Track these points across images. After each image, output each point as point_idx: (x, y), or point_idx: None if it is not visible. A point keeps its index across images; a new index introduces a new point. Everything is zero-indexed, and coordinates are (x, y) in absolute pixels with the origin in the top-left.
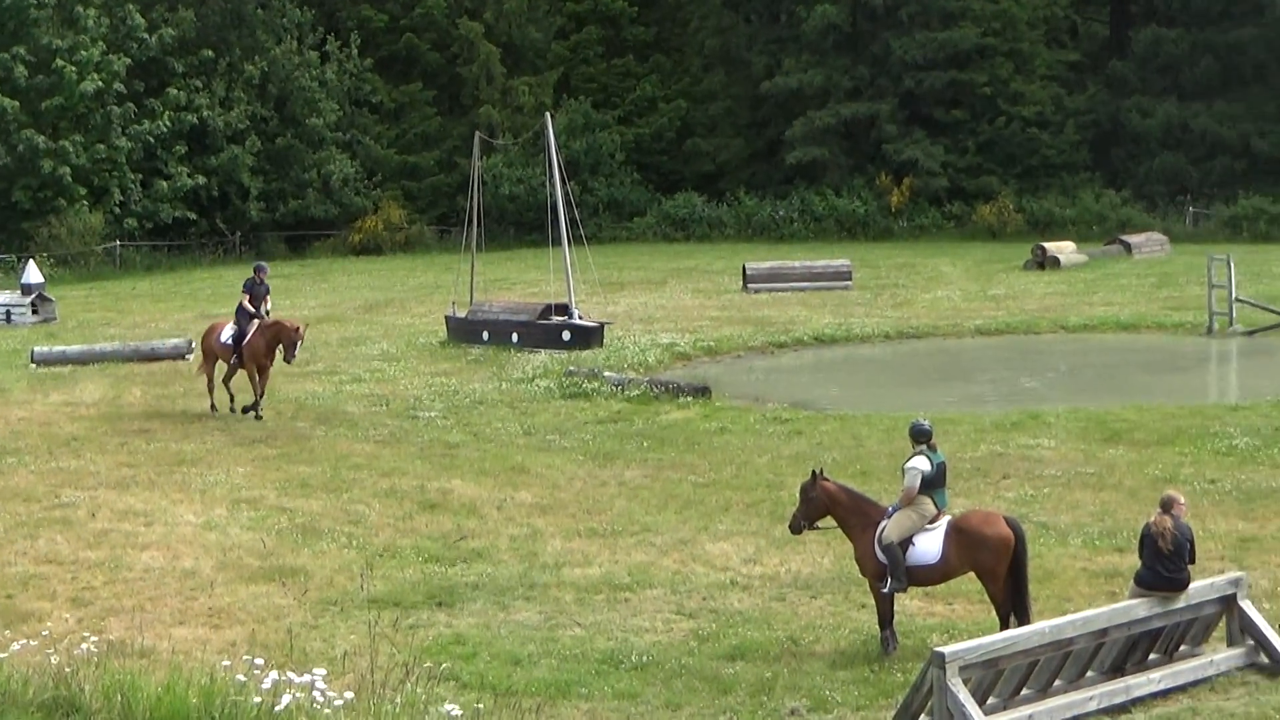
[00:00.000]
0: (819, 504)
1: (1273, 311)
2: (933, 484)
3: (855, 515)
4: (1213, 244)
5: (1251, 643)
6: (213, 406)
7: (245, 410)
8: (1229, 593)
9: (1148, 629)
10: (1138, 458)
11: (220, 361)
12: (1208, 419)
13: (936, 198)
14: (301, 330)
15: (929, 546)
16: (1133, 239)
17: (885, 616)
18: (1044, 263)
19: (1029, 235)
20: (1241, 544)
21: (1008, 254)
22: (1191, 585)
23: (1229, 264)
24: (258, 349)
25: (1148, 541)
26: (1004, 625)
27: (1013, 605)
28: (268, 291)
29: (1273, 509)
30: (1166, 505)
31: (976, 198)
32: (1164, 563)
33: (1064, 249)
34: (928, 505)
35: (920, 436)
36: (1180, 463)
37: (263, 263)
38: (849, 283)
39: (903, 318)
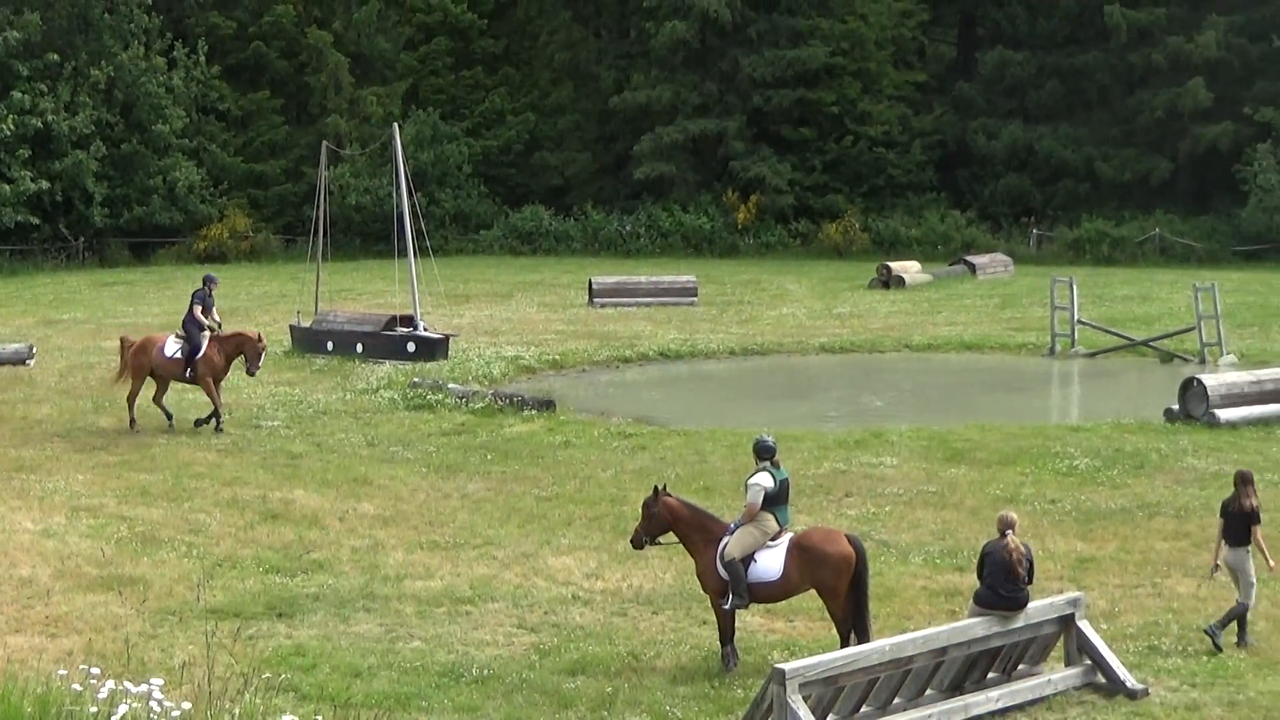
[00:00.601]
0: (661, 519)
1: (1114, 334)
2: (775, 501)
3: (697, 531)
4: (1056, 266)
5: (1088, 662)
6: (132, 422)
7: (199, 423)
8: (1067, 613)
9: (987, 648)
10: (979, 477)
11: (156, 378)
12: (1049, 439)
13: (783, 215)
14: (264, 340)
15: (771, 563)
16: (977, 260)
17: (726, 633)
18: (889, 282)
19: (874, 254)
20: (1080, 564)
21: (853, 272)
22: (1030, 605)
23: (1071, 286)
24: (215, 362)
25: (988, 561)
26: (844, 643)
27: (853, 623)
28: (213, 304)
29: (1111, 530)
30: (1006, 526)
31: (823, 216)
32: (1003, 582)
33: (909, 268)
34: (770, 522)
35: (764, 453)
36: (1021, 483)
37: (213, 274)
38: (694, 299)
39: (748, 334)
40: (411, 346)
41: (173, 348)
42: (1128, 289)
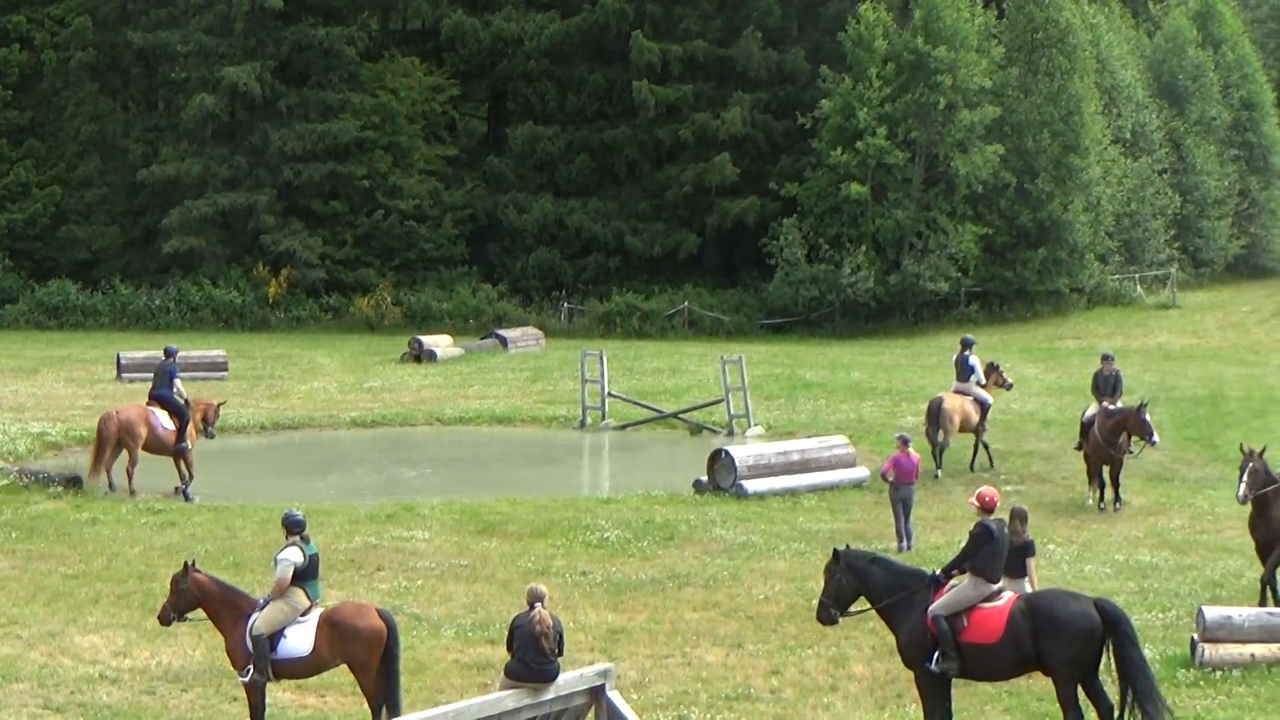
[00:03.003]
0: (190, 595)
1: (644, 406)
2: (305, 575)
3: (226, 607)
4: (587, 339)
5: None
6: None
7: (183, 491)
8: (597, 684)
9: None
10: (511, 550)
11: (131, 447)
12: (580, 512)
13: (314, 289)
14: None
15: (300, 639)
16: (508, 333)
17: (256, 709)
18: (420, 355)
19: (406, 328)
20: (611, 635)
21: (385, 346)
22: (560, 676)
23: (602, 359)
24: (193, 433)
25: (518, 633)
26: (376, 717)
27: (385, 697)
28: None
29: (641, 601)
30: (534, 599)
31: (354, 290)
32: (533, 655)
33: (440, 342)
34: (299, 597)
35: (293, 527)
36: (553, 555)
37: (173, 346)
38: (224, 373)
39: (278, 409)
40: None
41: (165, 421)
42: (657, 361)
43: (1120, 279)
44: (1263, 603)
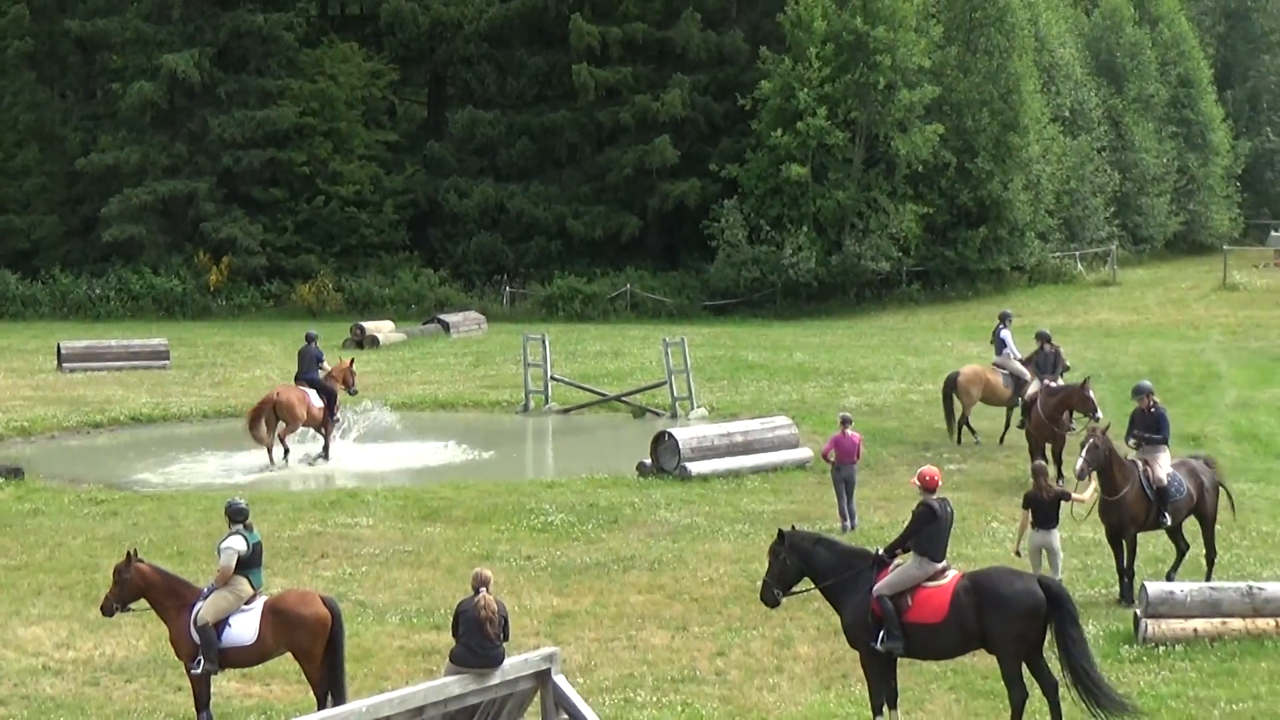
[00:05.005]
0: (134, 585)
1: (586, 389)
2: (249, 564)
3: (170, 596)
4: (529, 323)
5: (565, 717)
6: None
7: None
8: (543, 668)
9: (464, 705)
10: (455, 535)
11: (291, 424)
12: (524, 496)
13: (255, 276)
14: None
15: (245, 628)
16: (451, 318)
17: (201, 699)
18: (363, 341)
19: (349, 314)
20: (556, 619)
21: (327, 333)
22: (506, 661)
23: (544, 343)
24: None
25: (463, 618)
26: (321, 705)
27: (329, 685)
28: None
29: (586, 584)
30: (479, 584)
31: (295, 276)
32: (478, 640)
33: (383, 328)
34: (243, 585)
35: (236, 516)
36: (497, 539)
37: (312, 331)
38: (166, 362)
39: (221, 396)
40: None
41: (316, 399)
42: (600, 345)
43: (1061, 257)
44: (1123, 596)
